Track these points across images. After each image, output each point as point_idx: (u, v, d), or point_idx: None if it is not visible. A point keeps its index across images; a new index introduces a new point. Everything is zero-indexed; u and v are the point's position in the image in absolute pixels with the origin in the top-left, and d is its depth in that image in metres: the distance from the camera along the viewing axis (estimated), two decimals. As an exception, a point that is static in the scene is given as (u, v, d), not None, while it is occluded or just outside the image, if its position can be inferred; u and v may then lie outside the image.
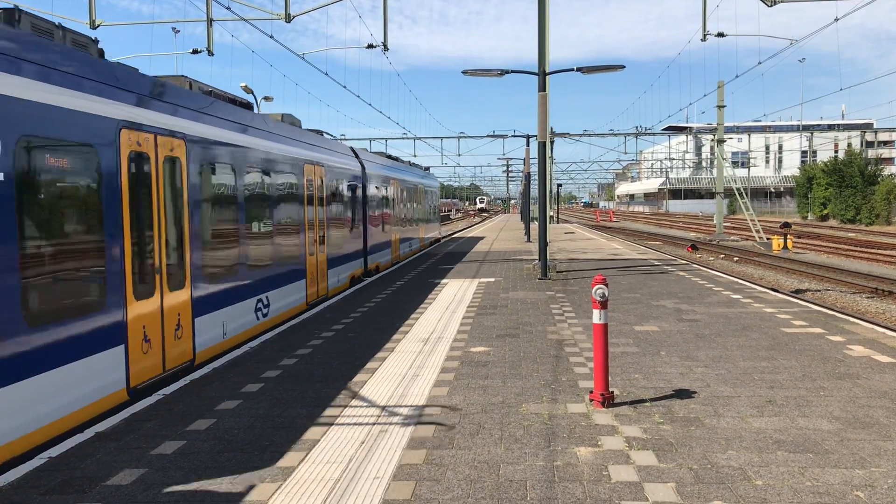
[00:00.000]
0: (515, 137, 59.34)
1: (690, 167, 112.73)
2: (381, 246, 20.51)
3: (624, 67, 16.56)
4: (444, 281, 16.82)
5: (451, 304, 13.12)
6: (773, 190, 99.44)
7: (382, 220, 20.77)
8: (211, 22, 22.05)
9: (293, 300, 12.63)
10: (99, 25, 21.11)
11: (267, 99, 27.25)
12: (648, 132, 67.76)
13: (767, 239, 34.52)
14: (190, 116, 8.94)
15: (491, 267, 20.14)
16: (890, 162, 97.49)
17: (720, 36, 28.06)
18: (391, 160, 25.07)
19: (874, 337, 9.55)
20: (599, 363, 6.57)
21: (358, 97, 30.81)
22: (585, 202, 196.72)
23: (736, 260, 30.26)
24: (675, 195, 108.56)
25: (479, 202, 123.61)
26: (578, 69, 16.70)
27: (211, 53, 22.54)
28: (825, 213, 60.27)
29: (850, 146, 65.51)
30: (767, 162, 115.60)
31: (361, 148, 21.14)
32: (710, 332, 10.07)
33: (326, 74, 25.47)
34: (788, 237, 31.31)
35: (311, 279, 13.66)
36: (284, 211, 12.24)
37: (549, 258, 18.00)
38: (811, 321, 10.79)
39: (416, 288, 15.58)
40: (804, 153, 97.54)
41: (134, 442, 5.88)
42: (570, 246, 28.99)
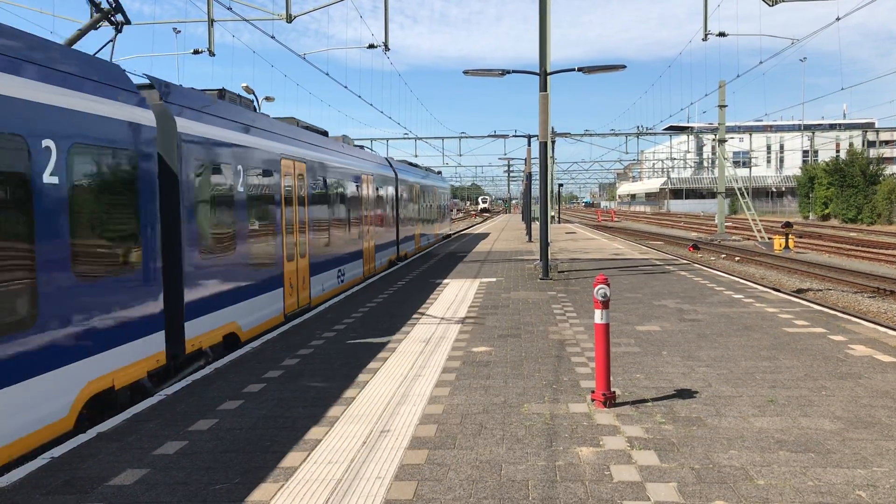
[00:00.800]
0: (517, 137, 59.25)
1: (692, 167, 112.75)
2: (407, 238, 25.48)
3: (625, 67, 16.56)
4: (445, 281, 16.82)
5: (452, 304, 13.12)
6: (774, 190, 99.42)
7: (409, 217, 25.80)
8: (212, 22, 22.08)
9: (356, 273, 17.50)
10: (100, 26, 21.10)
11: (268, 99, 27.19)
12: (650, 132, 67.80)
13: (769, 239, 34.48)
14: (305, 147, 13.66)
15: (492, 267, 20.14)
16: (891, 161, 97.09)
17: (721, 35, 28.05)
18: (412, 166, 29.70)
19: (876, 337, 9.54)
20: (601, 363, 6.57)
21: (359, 97, 30.69)
22: (587, 202, 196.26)
23: (737, 260, 30.25)
24: (676, 195, 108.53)
25: (481, 202, 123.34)
26: (579, 69, 16.71)
27: (212, 54, 22.56)
28: (827, 212, 60.23)
29: (851, 146, 65.33)
30: (769, 161, 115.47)
31: (390, 156, 26.10)
32: (711, 331, 10.07)
33: (327, 75, 25.43)
34: (790, 237, 31.20)
35: (366, 259, 18.66)
36: (344, 209, 16.32)
37: (550, 258, 18.00)
38: (813, 321, 10.78)
39: (417, 288, 15.58)
40: (805, 153, 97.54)
41: (136, 442, 5.89)
42: (571, 246, 28.98)
